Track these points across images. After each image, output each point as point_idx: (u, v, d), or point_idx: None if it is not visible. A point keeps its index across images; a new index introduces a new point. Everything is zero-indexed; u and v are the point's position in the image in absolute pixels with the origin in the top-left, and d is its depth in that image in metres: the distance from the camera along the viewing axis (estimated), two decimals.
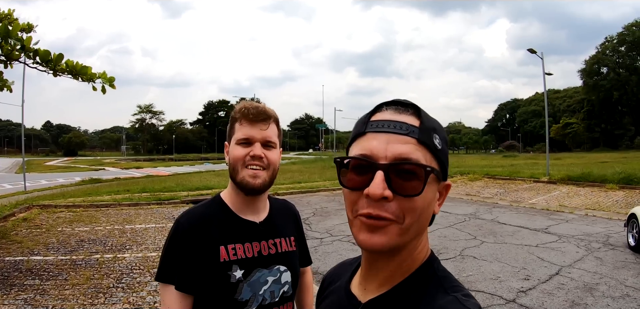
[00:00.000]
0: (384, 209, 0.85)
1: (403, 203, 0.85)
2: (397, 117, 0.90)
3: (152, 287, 6.85)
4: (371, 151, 0.87)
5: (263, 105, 1.72)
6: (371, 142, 0.89)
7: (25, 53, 6.58)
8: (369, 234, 0.87)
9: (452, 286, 0.91)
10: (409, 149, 0.86)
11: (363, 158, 0.88)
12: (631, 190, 18.34)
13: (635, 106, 79.79)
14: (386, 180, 0.84)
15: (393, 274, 0.94)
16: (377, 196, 0.84)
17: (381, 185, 0.84)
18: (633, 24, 78.89)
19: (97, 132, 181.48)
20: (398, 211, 0.85)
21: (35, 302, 6.18)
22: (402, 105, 0.93)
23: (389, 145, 0.86)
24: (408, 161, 0.85)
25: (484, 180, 24.85)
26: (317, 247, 9.76)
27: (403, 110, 0.92)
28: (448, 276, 0.95)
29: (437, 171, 0.89)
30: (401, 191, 0.84)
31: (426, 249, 0.98)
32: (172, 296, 1.60)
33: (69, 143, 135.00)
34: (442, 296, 0.89)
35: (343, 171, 0.93)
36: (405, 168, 0.85)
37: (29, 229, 11.34)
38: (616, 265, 8.15)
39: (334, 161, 0.97)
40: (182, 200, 17.10)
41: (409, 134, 0.87)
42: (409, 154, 0.85)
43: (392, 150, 0.86)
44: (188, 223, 1.67)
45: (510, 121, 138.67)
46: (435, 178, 0.89)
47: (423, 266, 0.95)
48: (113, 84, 7.09)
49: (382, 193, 0.84)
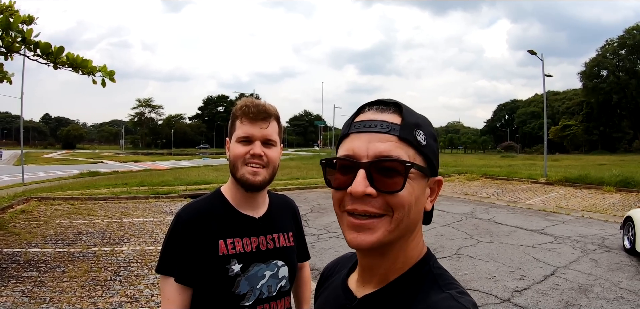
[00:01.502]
0: (370, 205, 0.88)
1: (388, 199, 0.88)
2: (379, 116, 0.93)
3: (150, 280, 6.88)
4: (354, 151, 0.91)
5: (264, 103, 1.73)
6: (354, 142, 0.92)
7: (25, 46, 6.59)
8: (356, 233, 0.90)
9: (447, 283, 0.93)
10: (390, 146, 0.88)
11: (346, 158, 0.92)
12: (628, 193, 18.41)
13: (634, 109, 79.78)
14: (368, 178, 0.87)
15: (388, 271, 0.96)
16: (358, 193, 0.87)
17: (363, 183, 0.87)
18: (634, 27, 78.76)
19: (95, 125, 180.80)
20: (384, 205, 0.88)
21: (33, 294, 6.20)
22: (385, 104, 0.95)
23: (370, 144, 0.89)
24: (388, 159, 0.87)
25: (481, 180, 24.89)
26: (314, 243, 9.78)
27: (385, 108, 0.94)
28: (443, 273, 0.97)
29: (420, 166, 0.90)
30: (383, 188, 0.87)
31: (421, 246, 0.99)
32: (171, 288, 1.63)
33: (67, 136, 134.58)
34: (436, 292, 0.90)
35: (329, 171, 0.96)
36: (385, 166, 0.87)
37: (27, 221, 11.36)
38: (611, 267, 8.19)
39: (320, 163, 1.00)
40: (180, 194, 17.11)
41: (389, 132, 0.89)
42: (389, 151, 0.88)
43: (373, 149, 0.88)
44: (188, 216, 1.70)
45: (509, 121, 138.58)
46: (419, 174, 0.91)
47: (419, 264, 0.97)
48: (113, 78, 7.09)
49: (364, 190, 0.87)
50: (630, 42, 77.33)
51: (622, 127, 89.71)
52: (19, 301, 5.93)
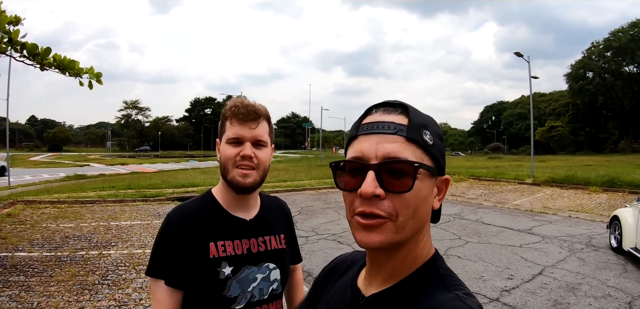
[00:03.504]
0: (377, 207, 0.88)
1: (395, 200, 0.88)
2: (386, 118, 0.93)
3: (138, 284, 6.83)
4: (362, 152, 0.91)
5: (253, 103, 1.71)
6: (362, 143, 0.92)
7: (12, 47, 6.51)
8: (365, 233, 0.90)
9: (454, 284, 0.93)
10: (398, 147, 0.89)
11: (355, 160, 0.92)
12: (614, 193, 18.59)
13: (619, 111, 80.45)
14: (377, 179, 0.88)
15: (396, 270, 0.96)
16: (368, 194, 0.87)
17: (372, 183, 0.87)
18: (620, 29, 79.48)
19: (82, 128, 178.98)
20: (391, 208, 0.88)
21: (20, 298, 6.13)
22: (391, 106, 0.96)
23: (378, 145, 0.90)
24: (396, 160, 0.88)
25: (469, 181, 25.03)
26: (303, 246, 9.75)
27: (392, 110, 0.95)
28: (450, 274, 0.97)
29: (427, 166, 0.91)
30: (392, 189, 0.88)
31: (429, 246, 1.00)
32: (161, 291, 1.61)
33: (53, 139, 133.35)
34: (443, 292, 0.91)
35: (339, 173, 0.97)
36: (394, 166, 0.88)
37: (13, 225, 11.23)
38: (598, 266, 8.27)
39: (330, 166, 1.01)
40: (167, 197, 17.04)
41: (397, 133, 0.90)
42: (397, 152, 0.88)
43: (381, 150, 0.89)
44: (179, 218, 1.67)
45: (496, 123, 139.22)
46: (427, 173, 0.91)
47: (426, 264, 0.97)
48: (100, 80, 7.02)
49: (374, 191, 0.87)
50: (616, 44, 78.02)
51: (608, 128, 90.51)
52: (6, 306, 5.86)
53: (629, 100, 77.69)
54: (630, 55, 76.31)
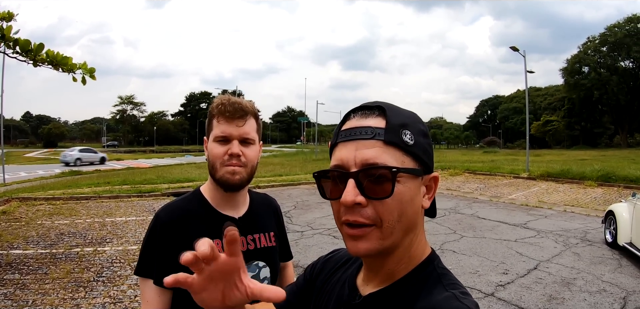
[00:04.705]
0: (361, 214, 0.88)
1: (378, 207, 0.88)
2: (363, 122, 0.92)
3: (133, 281, 6.82)
4: (342, 160, 0.91)
5: (240, 100, 1.70)
6: (342, 151, 0.92)
7: (5, 43, 6.48)
8: (353, 242, 0.90)
9: (450, 283, 0.93)
10: (375, 153, 0.88)
11: (335, 169, 0.92)
12: (609, 188, 18.66)
13: (615, 105, 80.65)
14: (358, 186, 0.87)
15: (392, 271, 0.96)
16: (349, 203, 0.87)
17: (353, 192, 0.87)
18: (615, 25, 79.55)
19: (77, 123, 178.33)
20: (374, 215, 0.88)
21: (15, 296, 6.12)
22: (368, 109, 0.94)
23: (356, 151, 0.89)
24: (374, 166, 0.87)
25: (464, 175, 25.06)
26: (298, 240, 9.77)
27: (369, 113, 0.94)
28: (447, 273, 0.97)
29: (408, 169, 0.90)
30: (373, 195, 0.87)
31: (424, 245, 1.00)
32: (151, 290, 1.60)
33: (48, 135, 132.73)
34: (440, 291, 0.90)
35: (323, 182, 0.97)
36: (373, 172, 0.87)
37: (8, 222, 11.21)
38: (593, 261, 8.29)
39: (313, 176, 1.01)
40: (163, 193, 17.00)
41: (374, 137, 0.89)
42: (375, 158, 0.87)
43: (359, 157, 0.88)
44: (167, 217, 1.67)
45: (492, 117, 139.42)
46: (409, 175, 0.90)
47: (423, 263, 0.97)
48: (93, 75, 6.99)
49: (354, 199, 0.87)
50: (611, 39, 78.09)
51: (603, 122, 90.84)
52: (1, 304, 5.85)
53: (624, 95, 77.92)
54: (626, 50, 76.43)
